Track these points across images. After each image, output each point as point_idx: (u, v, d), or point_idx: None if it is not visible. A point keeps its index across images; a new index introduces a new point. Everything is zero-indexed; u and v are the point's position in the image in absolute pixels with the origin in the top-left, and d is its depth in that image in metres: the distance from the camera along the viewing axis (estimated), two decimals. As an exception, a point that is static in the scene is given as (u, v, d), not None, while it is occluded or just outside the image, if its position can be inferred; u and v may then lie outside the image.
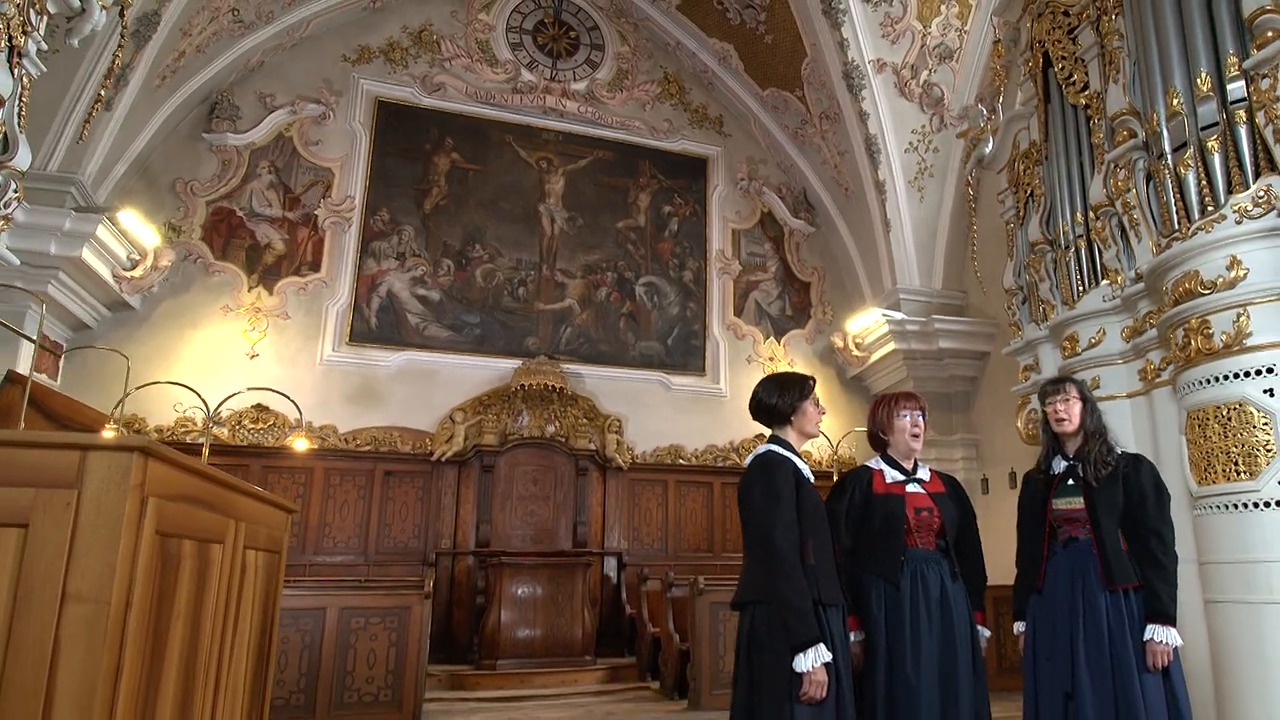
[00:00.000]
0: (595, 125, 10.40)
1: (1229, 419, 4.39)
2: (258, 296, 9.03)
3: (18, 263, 6.67)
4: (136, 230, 8.32)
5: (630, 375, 9.78)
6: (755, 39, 9.96)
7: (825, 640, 2.62)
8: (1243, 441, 4.31)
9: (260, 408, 8.63)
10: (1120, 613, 3.25)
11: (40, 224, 7.46)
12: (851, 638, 3.07)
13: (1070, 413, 3.51)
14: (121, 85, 8.21)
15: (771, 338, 10.46)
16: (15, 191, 5.99)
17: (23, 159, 5.90)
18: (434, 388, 9.19)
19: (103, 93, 7.47)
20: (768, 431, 3.11)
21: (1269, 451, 4.24)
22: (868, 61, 9.10)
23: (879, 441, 3.53)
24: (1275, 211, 4.42)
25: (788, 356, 10.41)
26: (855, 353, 9.88)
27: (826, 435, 9.26)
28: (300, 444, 8.20)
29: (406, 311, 9.32)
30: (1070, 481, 3.47)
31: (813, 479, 2.97)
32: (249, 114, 9.42)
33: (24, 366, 7.72)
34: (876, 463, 3.46)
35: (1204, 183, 4.81)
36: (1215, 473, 4.44)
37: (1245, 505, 4.27)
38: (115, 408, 7.93)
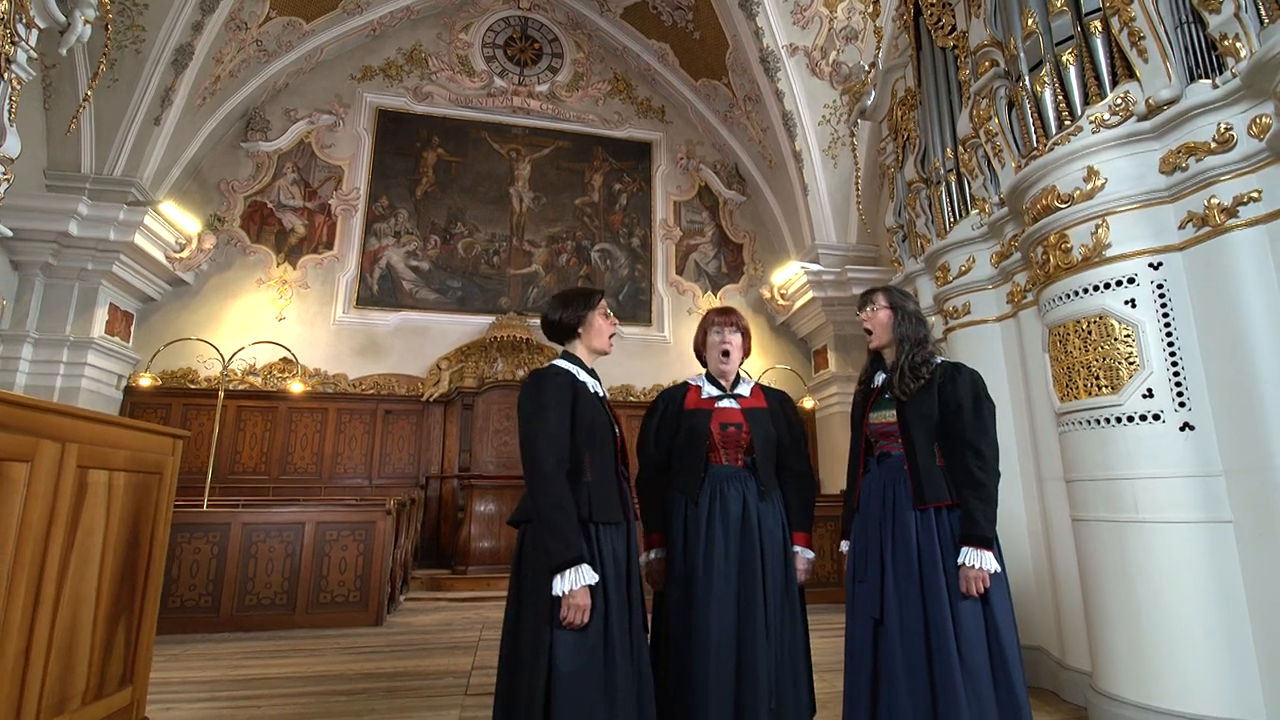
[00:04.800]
0: (556, 120, 9.02)
1: (1089, 333, 2.96)
2: (284, 271, 8.05)
3: (10, 234, 5.82)
4: (179, 219, 7.42)
5: (588, 327, 8.47)
6: (686, 36, 8.41)
7: (593, 561, 1.83)
8: (1104, 355, 2.90)
9: (286, 360, 7.64)
10: (931, 533, 2.07)
11: (102, 216, 6.72)
12: (652, 555, 2.29)
13: (875, 323, 2.29)
14: (166, 105, 7.27)
15: (709, 292, 8.97)
16: (4, 174, 5.12)
17: (11, 147, 5.03)
18: (424, 341, 8.08)
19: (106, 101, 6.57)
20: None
21: (1131, 364, 2.82)
22: (781, 47, 7.51)
23: (704, 359, 2.50)
24: (1134, 118, 2.93)
25: (724, 307, 8.94)
26: (780, 302, 8.39)
27: (746, 373, 7.84)
28: (296, 386, 7.20)
29: (402, 279, 8.20)
30: (887, 395, 2.24)
31: (604, 394, 2.12)
32: (277, 126, 8.37)
33: (98, 331, 6.94)
34: (698, 379, 2.48)
35: (1061, 98, 3.28)
36: (1077, 388, 3.01)
37: (1108, 420, 2.88)
38: (151, 358, 7.13)
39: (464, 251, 8.32)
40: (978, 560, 1.98)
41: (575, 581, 1.75)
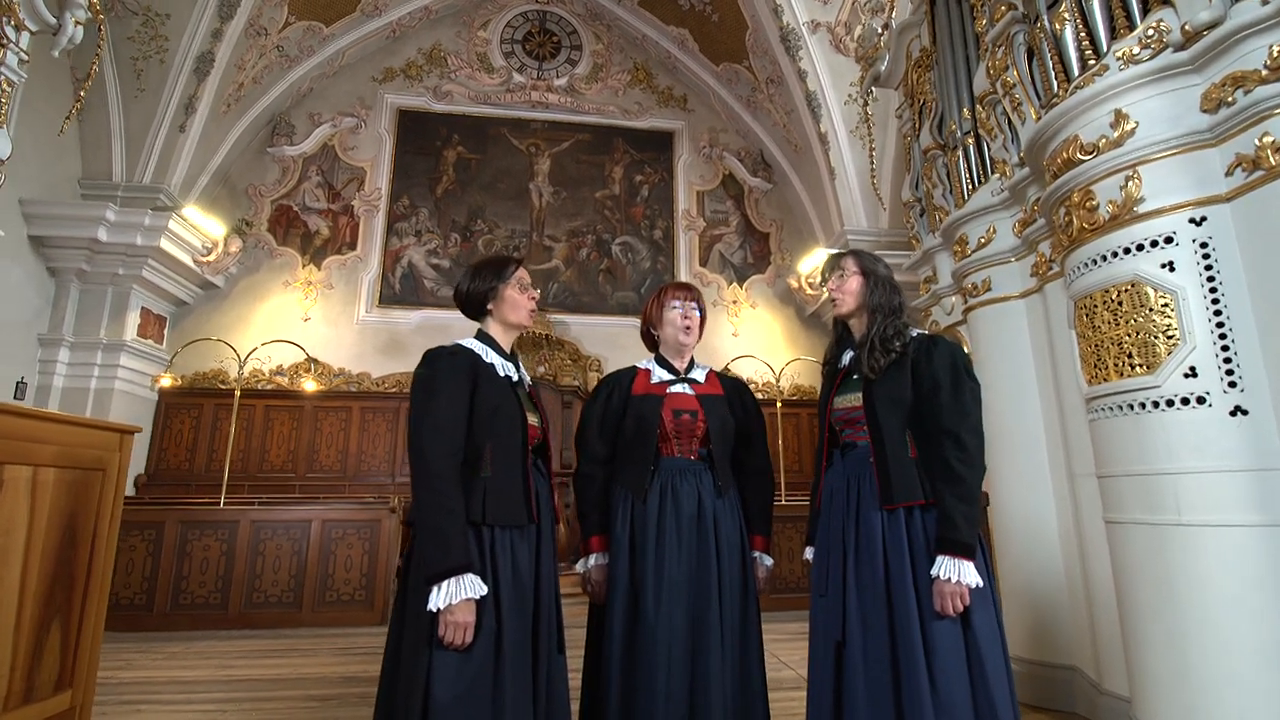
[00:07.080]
0: (575, 113, 8.77)
1: (1120, 303, 2.48)
2: (309, 272, 8.09)
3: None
4: (204, 224, 7.53)
5: (608, 322, 8.18)
6: (705, 20, 8.05)
7: (483, 571, 1.56)
8: (1138, 328, 2.43)
9: (312, 360, 7.67)
10: (900, 538, 1.69)
11: (128, 222, 6.87)
12: (593, 561, 1.97)
13: (845, 290, 1.92)
14: (191, 113, 7.39)
15: (735, 283, 8.55)
16: (-2, 174, 5.19)
17: (2, 149, 5.05)
18: (446, 339, 7.44)
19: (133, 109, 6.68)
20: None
21: (1170, 338, 2.35)
22: (802, 24, 7.09)
23: (652, 340, 2.22)
24: (1169, 49, 2.45)
25: (750, 299, 8.50)
26: (809, 291, 7.95)
27: (769, 364, 7.43)
28: (310, 385, 7.18)
29: (423, 278, 8.13)
30: (855, 375, 1.87)
31: (519, 378, 1.86)
32: (301, 130, 8.44)
33: (130, 334, 7.09)
34: (648, 362, 2.19)
35: (1084, 35, 2.82)
36: (1106, 368, 2.54)
37: (1143, 405, 2.41)
38: (171, 359, 7.24)
39: (484, 248, 8.19)
40: (955, 572, 1.60)
41: (455, 594, 1.48)
